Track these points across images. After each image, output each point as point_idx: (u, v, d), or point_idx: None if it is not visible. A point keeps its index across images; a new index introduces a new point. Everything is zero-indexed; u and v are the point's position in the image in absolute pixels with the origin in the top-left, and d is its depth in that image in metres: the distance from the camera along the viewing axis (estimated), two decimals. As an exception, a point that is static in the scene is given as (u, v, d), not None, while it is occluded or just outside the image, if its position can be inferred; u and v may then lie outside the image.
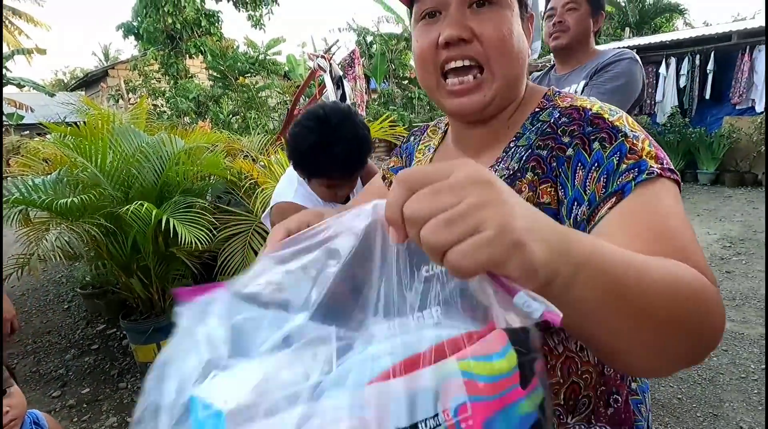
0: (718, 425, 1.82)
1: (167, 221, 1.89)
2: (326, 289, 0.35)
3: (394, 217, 0.31)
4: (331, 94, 3.74)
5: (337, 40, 4.36)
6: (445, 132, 0.73)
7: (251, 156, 2.96)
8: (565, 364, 0.54)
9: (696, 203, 5.59)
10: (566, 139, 0.53)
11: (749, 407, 1.91)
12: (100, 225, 2.00)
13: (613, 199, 0.47)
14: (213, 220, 2.15)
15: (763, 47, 6.10)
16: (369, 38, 15.12)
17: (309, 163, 1.09)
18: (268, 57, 7.90)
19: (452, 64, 0.55)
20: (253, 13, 11.34)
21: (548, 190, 0.53)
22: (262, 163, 2.67)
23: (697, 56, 6.74)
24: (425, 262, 0.34)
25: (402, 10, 14.18)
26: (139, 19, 11.01)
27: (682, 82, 6.97)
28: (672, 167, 0.49)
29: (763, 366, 2.19)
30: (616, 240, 0.42)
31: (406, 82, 12.47)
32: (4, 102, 13.98)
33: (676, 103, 7.11)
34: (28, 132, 15.79)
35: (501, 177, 0.56)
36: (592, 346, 0.42)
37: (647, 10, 12.82)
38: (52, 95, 15.51)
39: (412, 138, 0.80)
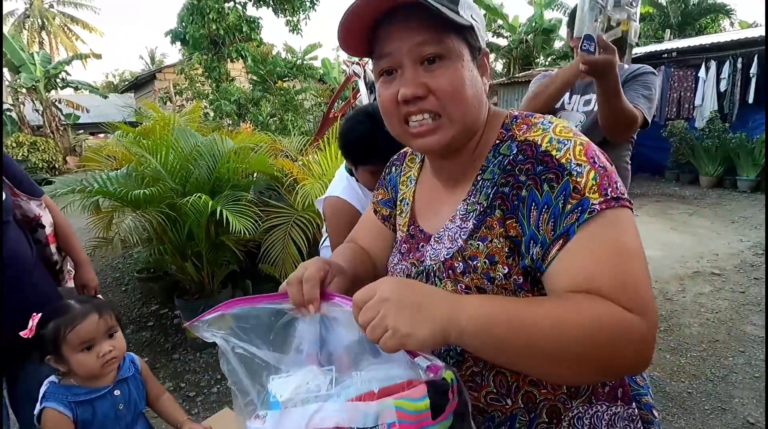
0: (726, 418, 1.91)
1: (220, 212, 2.17)
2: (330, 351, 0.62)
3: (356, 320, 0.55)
4: (364, 98, 3.96)
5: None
6: (423, 161, 0.80)
7: (291, 156, 3.23)
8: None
9: (732, 210, 5.46)
10: (522, 178, 0.60)
11: (759, 404, 1.97)
12: (163, 213, 2.30)
13: (560, 241, 0.54)
14: (258, 212, 2.41)
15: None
16: (402, 41, 15.36)
17: (356, 151, 1.28)
18: (305, 62, 8.24)
19: (413, 118, 0.63)
20: (291, 19, 11.78)
21: (514, 224, 0.60)
22: (302, 163, 2.93)
23: (739, 59, 6.55)
24: None
25: (435, 13, 14.36)
26: (183, 24, 11.66)
27: (723, 86, 6.78)
28: (618, 194, 0.55)
29: (780, 368, 2.24)
30: (563, 281, 0.54)
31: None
32: (63, 103, 15.10)
33: (716, 108, 6.92)
34: (82, 131, 16.97)
35: (473, 211, 0.65)
36: (509, 368, 0.62)
37: (690, 10, 12.38)
38: (105, 97, 16.62)
39: (393, 169, 0.86)
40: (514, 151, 0.62)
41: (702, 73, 6.95)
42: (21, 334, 1.03)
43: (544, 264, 0.56)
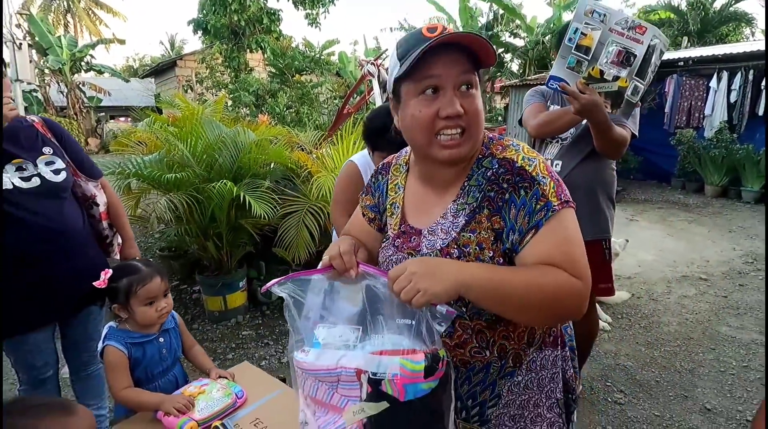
0: (686, 404, 2.12)
1: (243, 197, 2.42)
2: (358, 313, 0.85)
3: (391, 290, 0.76)
4: (377, 97, 4.19)
5: (387, 49, 4.79)
6: (407, 170, 0.97)
7: (306, 149, 3.47)
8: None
9: (732, 220, 5.59)
10: (504, 185, 0.81)
11: (719, 394, 2.18)
12: (190, 196, 2.56)
13: (533, 232, 0.77)
14: (276, 199, 2.66)
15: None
16: (419, 38, 15.44)
17: (374, 138, 1.53)
18: (322, 57, 8.45)
19: (447, 131, 0.79)
20: (310, 12, 11.98)
21: (498, 220, 0.81)
22: (316, 156, 3.17)
23: (751, 71, 6.61)
24: (406, 316, 0.82)
25: (454, 10, 14.39)
26: (204, 12, 11.92)
27: (733, 97, 6.85)
28: (567, 198, 0.79)
29: (744, 364, 2.43)
30: (532, 258, 0.78)
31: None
32: (86, 86, 15.53)
33: (726, 118, 6.99)
34: (103, 113, 17.45)
35: (463, 210, 0.84)
36: (499, 314, 0.82)
37: (711, 18, 12.29)
38: (127, 81, 17.03)
39: (380, 177, 1.02)
40: (496, 166, 0.83)
41: (714, 83, 7.02)
42: (94, 284, 1.29)
43: (520, 247, 0.79)
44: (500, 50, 15.30)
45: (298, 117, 7.13)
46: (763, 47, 6.89)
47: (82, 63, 15.26)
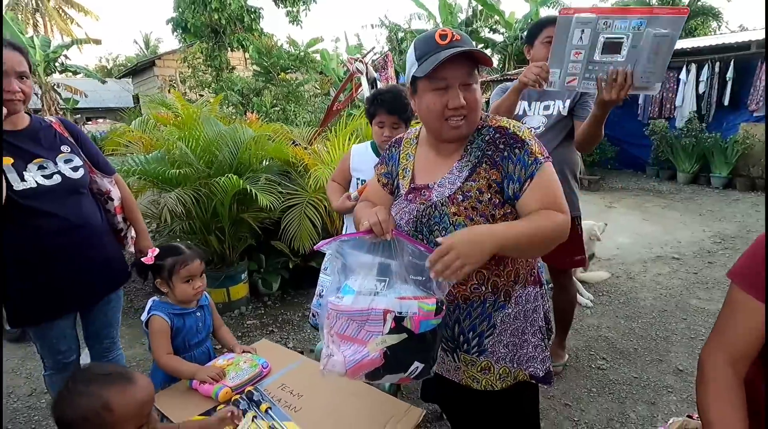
0: (661, 367, 2.34)
1: (248, 190, 2.53)
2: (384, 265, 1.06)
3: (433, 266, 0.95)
4: (366, 93, 4.32)
5: (373, 47, 4.91)
6: (417, 143, 1.22)
7: (300, 144, 3.58)
8: (513, 261, 1.12)
9: (702, 205, 5.93)
10: (501, 146, 1.06)
11: (690, 357, 2.41)
12: (195, 191, 2.66)
13: (529, 180, 1.03)
14: (277, 192, 2.78)
15: (782, 57, 6.29)
16: (400, 34, 15.57)
17: (371, 106, 1.82)
18: (307, 55, 8.52)
19: (454, 118, 1.04)
20: (291, 9, 11.97)
21: (495, 173, 1.06)
22: (311, 151, 3.29)
23: (717, 64, 6.98)
24: (418, 273, 1.04)
25: (434, 6, 14.56)
26: (181, 10, 11.78)
27: (701, 88, 7.21)
28: (547, 155, 1.07)
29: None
30: (532, 201, 1.03)
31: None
32: (62, 88, 15.17)
33: (695, 109, 7.35)
34: (80, 116, 17.05)
35: (467, 166, 1.08)
36: (517, 257, 1.10)
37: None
38: (103, 82, 16.69)
39: (393, 149, 1.26)
40: (492, 132, 1.09)
41: (683, 75, 7.37)
42: (143, 260, 1.42)
43: (520, 193, 1.04)
44: (480, 46, 15.57)
45: (285, 115, 7.20)
46: (728, 41, 7.27)
47: (56, 64, 14.89)
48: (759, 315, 0.75)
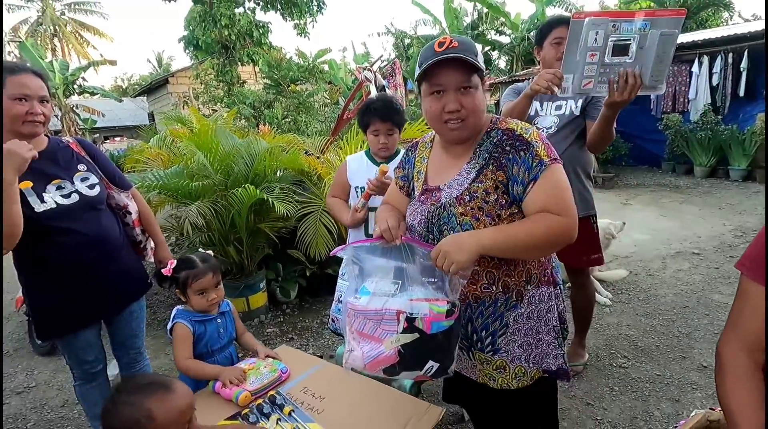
0: (684, 364, 2.30)
1: (261, 201, 2.59)
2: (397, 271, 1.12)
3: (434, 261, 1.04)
4: (375, 101, 4.38)
5: (381, 56, 4.99)
6: (431, 147, 1.27)
7: (312, 154, 3.65)
8: (524, 262, 1.14)
9: (722, 198, 5.81)
10: (507, 148, 1.09)
11: (714, 354, 2.36)
12: (214, 203, 2.74)
13: (532, 183, 1.05)
14: (293, 200, 2.84)
15: (797, 44, 6.16)
16: (407, 41, 15.69)
17: (364, 116, 1.87)
18: (316, 66, 8.65)
19: (451, 121, 1.09)
20: (298, 22, 12.19)
21: (501, 174, 1.08)
22: (323, 160, 3.35)
23: (730, 54, 6.86)
24: (430, 276, 1.10)
25: (439, 12, 14.65)
26: (191, 28, 12.09)
27: (715, 80, 7.09)
28: (555, 157, 1.07)
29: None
30: (535, 203, 1.04)
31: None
32: (80, 108, 15.66)
33: (709, 101, 7.23)
34: (98, 135, 17.55)
35: (475, 168, 1.11)
36: (515, 258, 1.11)
37: (690, 4, 12.60)
38: (120, 101, 17.17)
39: (410, 153, 1.32)
40: (500, 135, 1.12)
41: (695, 68, 7.27)
42: (162, 271, 1.49)
43: (524, 195, 1.06)
44: (487, 48, 15.57)
45: (296, 125, 7.33)
46: (741, 31, 7.15)
47: (75, 86, 15.39)
48: None
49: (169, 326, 1.54)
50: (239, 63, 11.43)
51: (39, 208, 1.44)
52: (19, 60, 14.47)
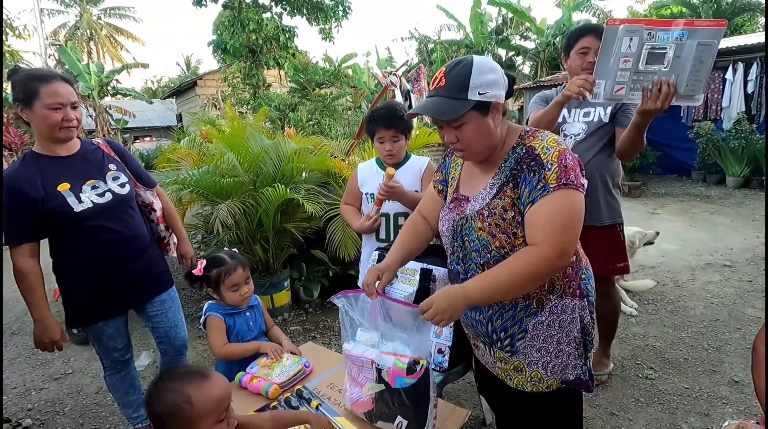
0: (714, 378, 2.24)
1: (288, 201, 2.66)
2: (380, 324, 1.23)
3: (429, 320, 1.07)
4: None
5: (407, 61, 5.03)
6: None
7: (338, 156, 3.71)
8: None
9: (754, 210, 5.61)
10: (524, 167, 1.06)
11: (746, 368, 2.30)
12: (243, 202, 2.82)
13: (530, 205, 1.03)
14: (320, 202, 2.90)
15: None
16: (430, 46, 15.73)
17: (369, 124, 1.91)
18: (341, 70, 8.77)
19: (456, 151, 1.16)
20: (324, 27, 12.37)
21: (517, 192, 1.07)
22: (348, 163, 3.40)
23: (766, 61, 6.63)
24: (401, 331, 1.21)
25: (464, 17, 14.63)
26: (219, 32, 12.42)
27: (750, 87, 6.87)
28: (567, 181, 1.00)
29: (771, 341, 2.53)
30: (527, 222, 1.04)
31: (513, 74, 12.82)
32: (113, 110, 16.27)
33: (743, 109, 7.00)
34: (128, 135, 18.17)
35: (497, 184, 1.11)
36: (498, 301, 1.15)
37: (724, 10, 12.24)
38: (150, 102, 17.75)
39: (447, 158, 1.34)
40: (523, 152, 1.09)
41: (729, 74, 7.05)
42: (193, 272, 1.54)
43: (525, 214, 1.06)
44: (511, 53, 15.45)
45: (320, 128, 7.43)
46: (777, 37, 6.90)
47: (109, 88, 16.00)
48: None
49: (202, 320, 1.61)
50: (265, 66, 11.69)
51: (77, 208, 1.52)
52: (58, 63, 15.15)
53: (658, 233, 3.31)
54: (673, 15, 12.87)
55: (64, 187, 1.52)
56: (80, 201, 1.53)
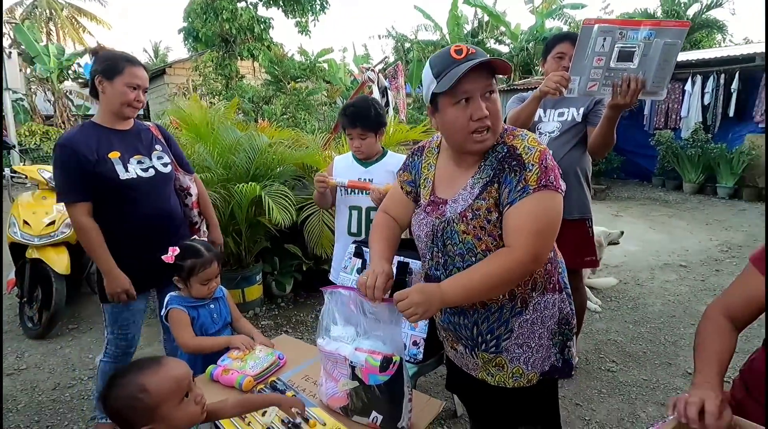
0: (670, 370, 2.38)
1: (260, 198, 2.61)
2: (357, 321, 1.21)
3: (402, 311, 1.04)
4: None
5: (385, 57, 5.03)
6: (438, 153, 1.21)
7: (314, 150, 3.67)
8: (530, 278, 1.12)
9: (709, 214, 5.96)
10: (506, 167, 1.04)
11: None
12: (216, 193, 2.75)
13: (509, 205, 1.02)
14: (291, 200, 2.84)
15: (787, 69, 6.35)
16: (407, 45, 15.78)
17: (339, 118, 1.93)
18: (317, 64, 8.67)
19: (479, 130, 1.03)
20: (300, 20, 12.18)
21: (500, 191, 1.05)
22: (324, 157, 3.38)
23: (722, 75, 7.05)
24: (376, 329, 1.17)
25: (440, 18, 14.78)
26: (190, 20, 12.03)
27: (707, 99, 7.28)
28: (546, 183, 1.00)
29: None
30: (505, 223, 1.03)
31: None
32: (74, 95, 15.46)
33: (700, 120, 7.41)
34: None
35: (479, 183, 1.08)
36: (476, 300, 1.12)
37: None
38: (114, 89, 16.97)
39: (416, 157, 1.26)
40: (505, 151, 1.07)
41: (688, 86, 7.45)
42: (162, 257, 1.50)
43: (504, 211, 1.05)
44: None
45: (294, 122, 7.33)
46: (733, 53, 7.34)
47: (69, 71, 15.19)
48: (760, 285, 0.95)
49: (162, 313, 1.55)
50: (239, 57, 11.39)
51: (123, 175, 1.65)
52: (13, 43, 14.26)
53: (622, 233, 3.47)
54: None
55: (114, 155, 1.64)
56: (126, 170, 1.65)
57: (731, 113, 7.02)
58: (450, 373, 1.47)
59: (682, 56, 8.33)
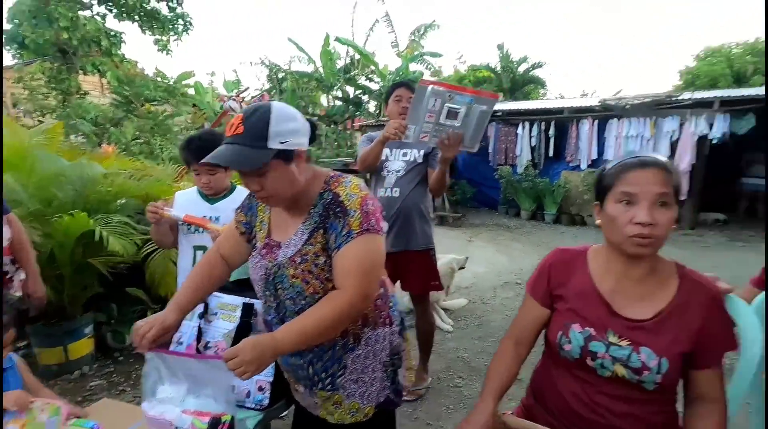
0: (505, 379, 2.71)
1: (95, 233, 2.27)
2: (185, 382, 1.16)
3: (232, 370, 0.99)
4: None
5: (248, 87, 4.94)
6: None
7: (164, 182, 3.35)
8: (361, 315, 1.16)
9: (539, 237, 7.11)
10: (331, 213, 1.09)
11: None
12: (33, 231, 2.28)
13: (336, 250, 1.07)
14: (134, 233, 2.54)
15: (585, 121, 8.10)
16: (281, 74, 15.76)
17: (182, 152, 1.85)
18: (177, 87, 8.05)
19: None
20: (160, 38, 11.28)
21: (327, 236, 1.10)
22: (177, 190, 3.11)
23: (543, 123, 8.65)
24: (202, 387, 1.15)
25: (313, 51, 15.17)
26: (16, 22, 10.26)
27: (533, 142, 8.82)
28: (368, 227, 1.06)
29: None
30: (334, 267, 1.07)
31: (315, 119, 13.15)
32: None
33: (530, 158, 8.92)
34: None
35: (308, 229, 1.11)
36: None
37: (518, 79, 15.59)
38: None
39: (252, 199, 1.28)
40: (330, 197, 1.12)
41: (520, 130, 8.93)
42: None
43: (332, 259, 1.10)
44: (358, 92, 16.60)
45: (150, 148, 6.63)
46: (549, 105, 9.08)
47: None
48: (536, 310, 1.17)
49: None
50: (81, 71, 9.97)
51: None
52: None
53: (467, 258, 3.92)
54: (483, 77, 15.82)
55: None
56: None
57: (551, 154, 8.61)
58: (296, 413, 1.45)
59: (515, 105, 10.01)
